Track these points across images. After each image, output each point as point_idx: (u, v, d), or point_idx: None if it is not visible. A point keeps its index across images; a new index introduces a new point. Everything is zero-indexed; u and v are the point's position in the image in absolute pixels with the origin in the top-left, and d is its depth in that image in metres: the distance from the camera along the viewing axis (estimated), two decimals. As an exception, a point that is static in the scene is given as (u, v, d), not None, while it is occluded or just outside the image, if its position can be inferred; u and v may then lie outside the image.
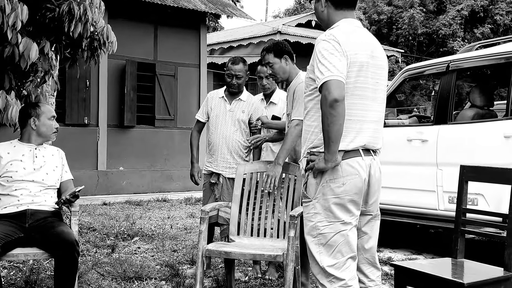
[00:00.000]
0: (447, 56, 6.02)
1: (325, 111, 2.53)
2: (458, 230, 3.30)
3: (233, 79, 4.66)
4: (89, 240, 5.95)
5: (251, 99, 4.82)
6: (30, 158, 3.75)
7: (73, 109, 10.56)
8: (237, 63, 4.68)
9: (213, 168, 4.68)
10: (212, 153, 4.70)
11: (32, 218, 3.59)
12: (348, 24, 2.78)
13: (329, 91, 2.51)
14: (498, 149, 5.00)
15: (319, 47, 2.65)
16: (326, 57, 2.59)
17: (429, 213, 5.58)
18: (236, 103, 4.72)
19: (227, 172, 4.62)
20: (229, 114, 4.68)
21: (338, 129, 2.53)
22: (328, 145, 2.57)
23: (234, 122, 4.66)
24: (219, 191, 4.63)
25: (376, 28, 31.64)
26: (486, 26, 29.73)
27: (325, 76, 2.54)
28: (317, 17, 2.96)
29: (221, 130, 4.66)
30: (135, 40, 11.33)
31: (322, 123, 2.56)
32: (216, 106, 4.75)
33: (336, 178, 2.66)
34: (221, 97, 4.78)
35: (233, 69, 4.65)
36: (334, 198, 2.66)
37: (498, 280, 2.93)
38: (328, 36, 2.66)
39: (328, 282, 2.68)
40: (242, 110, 4.69)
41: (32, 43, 3.69)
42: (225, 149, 4.62)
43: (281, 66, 4.12)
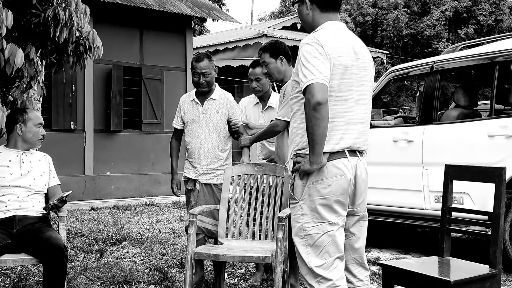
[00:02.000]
0: (431, 57, 6.08)
1: (308, 113, 2.56)
2: (444, 228, 3.34)
3: (200, 78, 4.38)
4: (77, 245, 5.93)
5: (225, 96, 4.54)
6: (17, 164, 3.74)
7: (59, 114, 10.51)
8: (202, 59, 4.39)
9: (190, 174, 4.50)
10: (190, 159, 4.51)
11: (20, 223, 3.58)
12: (332, 27, 2.80)
13: (312, 94, 2.54)
14: (482, 148, 5.06)
15: (302, 50, 2.68)
16: (309, 60, 2.62)
17: (415, 212, 5.63)
18: (208, 103, 4.47)
19: (203, 178, 4.43)
20: (203, 117, 4.45)
21: (322, 131, 2.56)
22: (312, 147, 2.60)
23: (208, 125, 4.44)
24: (194, 197, 4.44)
25: (361, 30, 31.80)
26: (469, 27, 29.99)
27: (308, 80, 2.57)
28: (301, 20, 2.97)
29: (196, 135, 4.45)
30: (121, 44, 11.31)
31: (306, 126, 2.59)
32: (188, 111, 4.52)
33: (322, 179, 2.68)
34: (192, 100, 4.53)
35: (198, 67, 4.37)
36: (320, 199, 2.69)
37: (484, 277, 2.97)
38: (312, 40, 2.69)
39: (316, 283, 2.70)
40: (216, 110, 4.45)
41: (17, 48, 3.67)
42: (201, 154, 4.42)
43: (276, 66, 4.12)
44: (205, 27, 33.15)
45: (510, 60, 5.00)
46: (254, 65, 4.67)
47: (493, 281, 3.00)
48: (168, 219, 8.21)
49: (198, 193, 4.43)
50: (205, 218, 4.27)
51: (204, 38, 24.49)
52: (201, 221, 4.26)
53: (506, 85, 5.45)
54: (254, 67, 4.67)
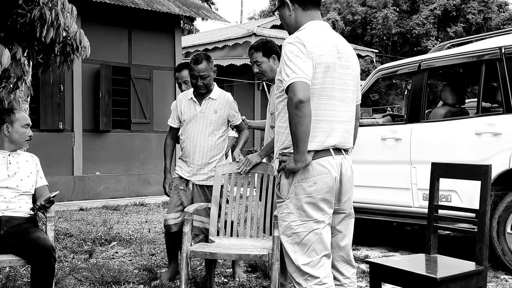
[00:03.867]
0: (419, 56, 6.11)
1: (291, 112, 2.58)
2: (431, 226, 3.37)
3: (198, 80, 4.30)
4: (66, 246, 5.90)
5: (224, 96, 4.46)
6: (4, 165, 3.73)
7: (47, 115, 10.46)
8: (200, 61, 4.29)
9: (183, 173, 4.40)
10: (184, 158, 4.42)
11: (7, 224, 3.57)
12: (315, 25, 2.82)
13: (294, 92, 2.56)
14: (470, 146, 5.10)
15: (285, 49, 2.70)
16: (291, 59, 2.64)
17: (404, 210, 5.65)
18: (206, 103, 4.39)
19: (197, 178, 4.36)
20: (200, 116, 4.36)
21: (305, 129, 2.58)
22: (296, 145, 2.62)
23: (206, 125, 4.35)
24: (187, 198, 4.35)
25: (351, 28, 31.87)
26: (458, 25, 30.13)
27: (290, 78, 2.59)
28: (284, 24, 2.98)
29: (193, 135, 4.36)
30: (109, 44, 11.27)
31: (290, 124, 2.61)
32: (185, 109, 4.43)
33: (307, 178, 2.70)
34: (189, 99, 4.44)
35: (196, 70, 4.28)
36: (306, 197, 2.70)
37: (470, 274, 2.99)
38: (294, 39, 2.71)
39: (303, 281, 2.72)
40: (214, 110, 4.37)
41: (4, 49, 3.66)
42: (198, 155, 4.34)
43: (269, 65, 4.07)
44: (195, 26, 33.11)
45: (496, 58, 5.03)
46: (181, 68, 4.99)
47: (480, 277, 3.02)
48: (158, 219, 8.20)
49: (192, 194, 4.35)
50: (204, 218, 4.23)
51: (194, 37, 24.45)
52: (201, 221, 4.24)
53: (492, 83, 5.49)
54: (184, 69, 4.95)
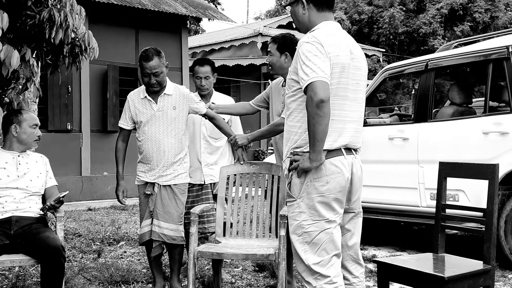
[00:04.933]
0: (426, 55, 6.11)
1: (311, 111, 2.58)
2: (438, 225, 3.37)
3: (151, 78, 4.03)
4: (75, 245, 5.94)
5: (178, 90, 4.22)
6: (14, 166, 3.76)
7: (55, 115, 10.52)
8: (151, 58, 4.01)
9: (148, 177, 4.19)
10: (146, 161, 4.20)
11: (17, 224, 3.60)
12: (329, 26, 2.84)
13: (314, 92, 2.57)
14: (477, 146, 5.09)
15: (302, 49, 2.70)
16: (310, 58, 2.64)
17: (411, 210, 5.65)
18: (162, 100, 4.14)
19: (162, 180, 4.15)
20: (159, 115, 4.11)
21: (324, 129, 2.60)
22: (313, 145, 2.63)
23: (166, 123, 4.12)
24: (153, 202, 4.13)
25: (357, 28, 31.80)
26: (465, 24, 30.00)
27: (310, 78, 2.60)
28: (296, 21, 2.99)
29: (153, 136, 4.12)
30: (117, 45, 11.31)
31: (308, 123, 2.62)
32: (140, 110, 4.15)
33: (320, 177, 2.71)
34: (143, 98, 4.16)
35: (148, 67, 4.01)
36: (318, 196, 2.72)
37: (478, 273, 3.00)
38: (311, 38, 2.72)
39: (313, 280, 2.74)
40: (172, 106, 4.14)
41: (13, 50, 3.68)
42: (160, 156, 4.12)
43: (278, 60, 4.01)
44: (201, 26, 33.18)
45: (503, 57, 5.03)
46: (202, 63, 4.64)
47: (487, 276, 3.03)
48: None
49: (156, 196, 4.14)
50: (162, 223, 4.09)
51: (200, 37, 24.49)
52: (158, 226, 4.08)
53: (500, 82, 5.48)
54: (202, 65, 4.63)
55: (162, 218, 4.08)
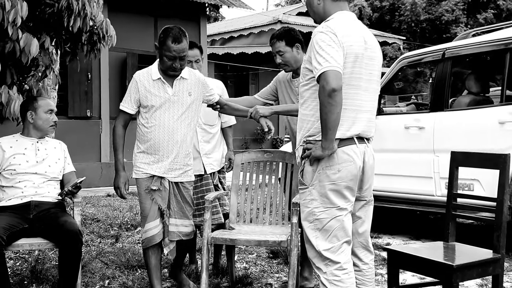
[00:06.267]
0: (443, 44, 6.07)
1: (323, 100, 2.62)
2: (450, 214, 3.39)
3: (176, 62, 3.60)
4: (93, 230, 6.06)
5: (194, 75, 3.84)
6: (33, 151, 3.85)
7: (75, 102, 10.66)
8: (181, 40, 3.58)
9: (155, 170, 3.72)
10: (153, 152, 3.74)
11: (36, 209, 3.69)
12: (343, 16, 2.86)
13: (327, 81, 2.60)
14: (493, 135, 5.07)
15: (316, 38, 2.73)
16: (323, 48, 2.67)
17: (426, 199, 5.66)
18: (178, 84, 3.72)
19: (174, 175, 3.76)
20: (174, 101, 3.68)
21: (336, 118, 2.63)
22: (325, 133, 2.67)
23: (181, 110, 3.70)
24: (163, 199, 3.72)
25: (379, 15, 31.54)
26: (489, 11, 29.59)
27: (323, 67, 2.63)
28: (311, 12, 3.01)
29: (165, 123, 3.68)
30: (136, 32, 11.40)
31: (320, 112, 2.65)
32: (152, 92, 3.67)
33: (332, 165, 2.76)
34: (157, 79, 3.69)
35: (177, 50, 3.57)
36: (330, 184, 2.76)
37: (487, 262, 3.02)
38: (325, 28, 2.75)
39: (324, 265, 2.80)
40: (188, 92, 3.73)
41: (32, 38, 3.76)
42: (172, 146, 3.69)
43: (292, 55, 3.92)
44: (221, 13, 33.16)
45: (521, 46, 4.99)
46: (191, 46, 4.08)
47: (497, 265, 3.05)
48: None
49: (169, 193, 3.76)
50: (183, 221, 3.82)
51: (219, 25, 24.50)
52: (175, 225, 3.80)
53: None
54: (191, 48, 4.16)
55: (178, 216, 3.78)
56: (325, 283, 2.79)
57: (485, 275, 3.15)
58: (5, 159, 3.76)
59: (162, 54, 3.61)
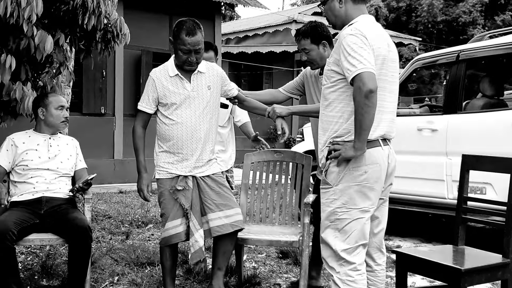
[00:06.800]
0: (458, 46, 6.03)
1: (359, 101, 2.63)
2: (459, 218, 3.37)
3: (192, 55, 3.49)
4: (105, 227, 6.10)
5: (212, 68, 3.73)
6: (45, 148, 3.88)
7: (89, 99, 10.72)
8: (194, 32, 3.45)
9: (180, 170, 3.60)
10: (175, 151, 3.61)
11: (47, 205, 3.72)
12: (367, 19, 2.88)
13: (363, 82, 2.61)
14: (507, 138, 5.03)
15: (347, 41, 2.73)
16: (356, 50, 2.68)
17: (438, 202, 5.63)
18: (196, 78, 3.61)
19: (200, 171, 3.64)
20: (194, 96, 3.58)
21: (371, 118, 2.66)
22: (359, 134, 2.68)
23: (201, 106, 3.60)
24: (187, 199, 3.58)
25: (395, 15, 31.37)
26: (507, 13, 29.30)
27: (357, 69, 2.64)
28: (332, 17, 2.99)
29: (187, 120, 3.57)
30: (150, 30, 11.43)
31: (356, 113, 2.66)
32: (171, 90, 3.58)
33: (359, 166, 2.77)
34: (174, 76, 3.59)
35: (190, 42, 3.45)
36: (355, 185, 2.77)
37: (496, 266, 3.00)
38: (355, 31, 2.76)
39: (338, 265, 2.80)
40: (207, 86, 3.63)
41: (47, 35, 3.79)
42: (195, 144, 3.58)
43: (318, 52, 3.78)
44: (236, 12, 33.18)
45: (536, 49, 4.94)
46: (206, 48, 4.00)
47: (506, 270, 3.03)
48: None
49: (199, 189, 3.63)
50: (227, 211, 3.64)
51: (234, 24, 24.53)
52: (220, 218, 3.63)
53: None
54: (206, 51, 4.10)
55: (227, 207, 3.61)
56: (337, 283, 2.80)
57: (493, 280, 3.13)
58: (17, 154, 3.80)
59: (177, 48, 3.50)
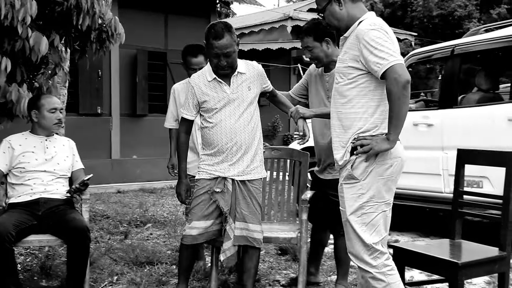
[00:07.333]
0: (452, 40, 6.05)
1: (397, 93, 2.61)
2: (456, 211, 3.39)
3: (221, 60, 3.41)
4: (103, 227, 6.10)
5: (252, 68, 3.61)
6: (41, 149, 3.89)
7: (86, 99, 10.71)
8: (222, 35, 3.36)
9: (218, 171, 3.52)
10: (215, 153, 3.52)
11: (45, 206, 3.73)
12: (373, 15, 2.87)
13: (399, 74, 2.61)
14: (502, 132, 5.05)
15: (369, 36, 2.70)
16: (382, 44, 2.67)
17: (435, 196, 5.66)
18: (236, 80, 3.51)
19: (241, 174, 3.52)
20: (233, 98, 3.48)
21: (407, 109, 2.66)
22: (396, 126, 2.68)
23: (242, 108, 3.49)
24: (226, 202, 3.49)
25: (391, 10, 31.36)
26: (502, 7, 29.31)
27: (389, 61, 2.63)
28: (334, 20, 2.92)
29: (227, 123, 3.47)
30: (146, 29, 11.42)
31: (393, 105, 2.64)
32: (210, 94, 3.49)
33: (385, 160, 2.76)
34: (212, 80, 3.51)
35: (218, 46, 3.36)
36: (382, 179, 2.77)
37: (493, 260, 3.02)
38: (375, 26, 2.74)
39: (372, 259, 2.77)
40: (248, 86, 3.53)
41: (42, 36, 3.79)
42: (236, 146, 3.48)
43: (322, 50, 3.75)
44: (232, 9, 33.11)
45: (531, 43, 4.96)
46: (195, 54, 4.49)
47: (503, 263, 3.04)
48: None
49: (236, 194, 3.52)
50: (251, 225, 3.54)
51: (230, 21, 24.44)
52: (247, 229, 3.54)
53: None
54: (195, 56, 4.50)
55: (251, 220, 3.51)
56: (379, 277, 2.75)
57: (491, 273, 3.15)
58: (14, 157, 3.81)
59: (208, 53, 3.47)
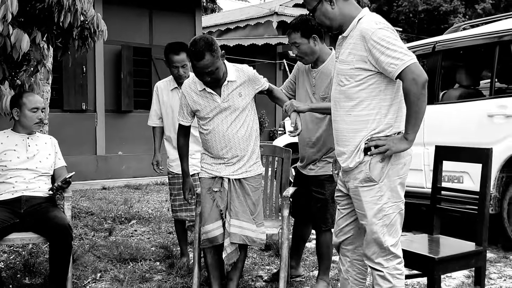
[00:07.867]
0: (433, 37, 6.10)
1: (416, 92, 2.56)
2: (434, 207, 3.45)
3: (204, 77, 3.41)
4: (87, 224, 6.10)
5: (242, 73, 3.59)
6: (23, 148, 3.89)
7: (70, 95, 10.66)
8: (201, 55, 3.30)
9: (215, 171, 3.61)
10: (212, 155, 3.63)
11: (27, 204, 3.74)
12: (369, 11, 2.82)
13: (417, 73, 2.56)
14: (482, 128, 5.12)
15: (378, 35, 2.63)
16: (394, 43, 2.60)
17: (416, 191, 5.71)
18: (226, 88, 3.51)
19: (232, 172, 3.60)
20: (224, 107, 3.52)
21: (426, 108, 2.64)
22: (414, 125, 2.64)
23: (233, 115, 3.54)
24: (222, 200, 3.58)
25: (377, 5, 31.48)
26: (487, 2, 29.54)
27: (405, 61, 2.57)
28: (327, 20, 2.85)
29: (220, 130, 3.54)
30: (130, 25, 11.38)
31: (411, 105, 2.59)
32: (201, 104, 3.55)
33: (399, 159, 2.74)
34: (201, 90, 3.54)
35: (200, 66, 3.35)
36: (398, 178, 2.76)
37: (470, 254, 3.08)
38: (381, 24, 2.67)
39: (385, 260, 2.77)
40: (238, 93, 3.54)
41: (23, 34, 3.78)
42: (229, 151, 3.55)
43: (309, 46, 3.72)
44: (218, 5, 33.05)
45: (510, 40, 5.02)
46: (177, 51, 4.36)
47: (479, 258, 3.10)
48: (178, 198, 8.35)
49: (231, 192, 3.59)
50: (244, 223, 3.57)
51: (216, 16, 24.48)
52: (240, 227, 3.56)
53: (506, 65, 5.48)
54: (177, 53, 4.37)
55: (243, 218, 3.55)
56: (388, 278, 2.75)
57: (468, 268, 3.21)
58: (-4, 155, 3.80)
59: (193, 69, 3.52)
